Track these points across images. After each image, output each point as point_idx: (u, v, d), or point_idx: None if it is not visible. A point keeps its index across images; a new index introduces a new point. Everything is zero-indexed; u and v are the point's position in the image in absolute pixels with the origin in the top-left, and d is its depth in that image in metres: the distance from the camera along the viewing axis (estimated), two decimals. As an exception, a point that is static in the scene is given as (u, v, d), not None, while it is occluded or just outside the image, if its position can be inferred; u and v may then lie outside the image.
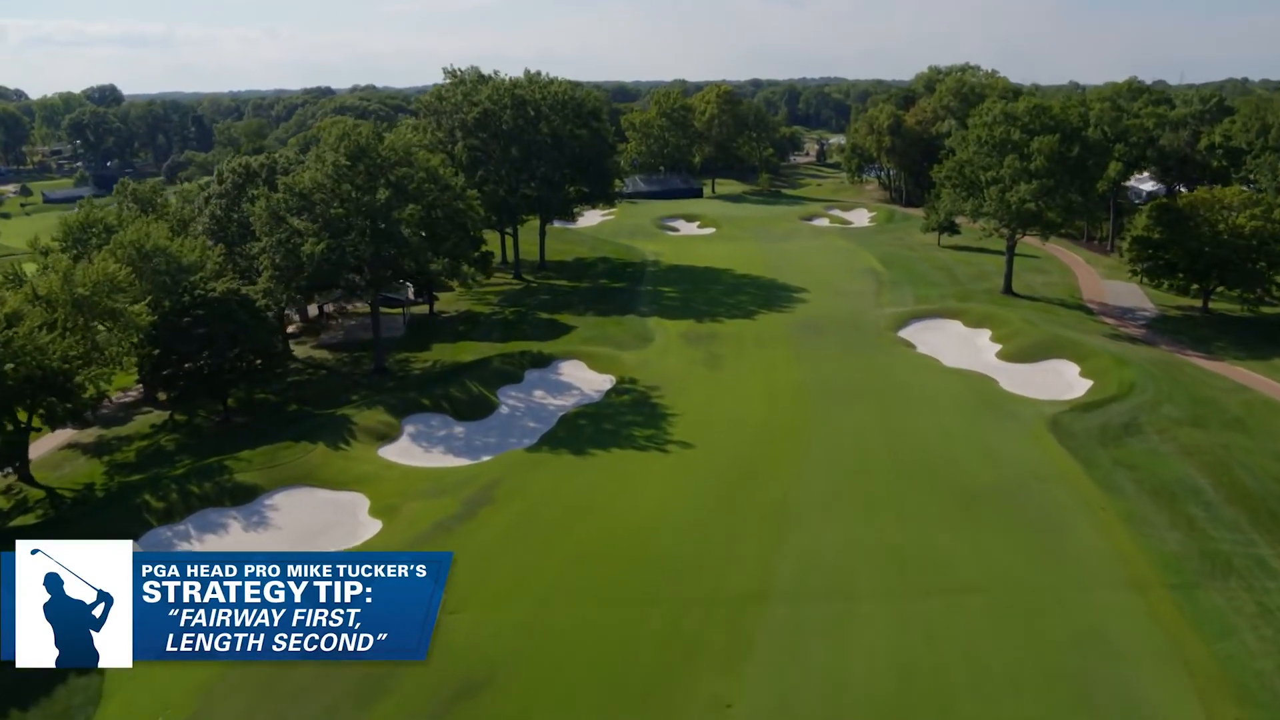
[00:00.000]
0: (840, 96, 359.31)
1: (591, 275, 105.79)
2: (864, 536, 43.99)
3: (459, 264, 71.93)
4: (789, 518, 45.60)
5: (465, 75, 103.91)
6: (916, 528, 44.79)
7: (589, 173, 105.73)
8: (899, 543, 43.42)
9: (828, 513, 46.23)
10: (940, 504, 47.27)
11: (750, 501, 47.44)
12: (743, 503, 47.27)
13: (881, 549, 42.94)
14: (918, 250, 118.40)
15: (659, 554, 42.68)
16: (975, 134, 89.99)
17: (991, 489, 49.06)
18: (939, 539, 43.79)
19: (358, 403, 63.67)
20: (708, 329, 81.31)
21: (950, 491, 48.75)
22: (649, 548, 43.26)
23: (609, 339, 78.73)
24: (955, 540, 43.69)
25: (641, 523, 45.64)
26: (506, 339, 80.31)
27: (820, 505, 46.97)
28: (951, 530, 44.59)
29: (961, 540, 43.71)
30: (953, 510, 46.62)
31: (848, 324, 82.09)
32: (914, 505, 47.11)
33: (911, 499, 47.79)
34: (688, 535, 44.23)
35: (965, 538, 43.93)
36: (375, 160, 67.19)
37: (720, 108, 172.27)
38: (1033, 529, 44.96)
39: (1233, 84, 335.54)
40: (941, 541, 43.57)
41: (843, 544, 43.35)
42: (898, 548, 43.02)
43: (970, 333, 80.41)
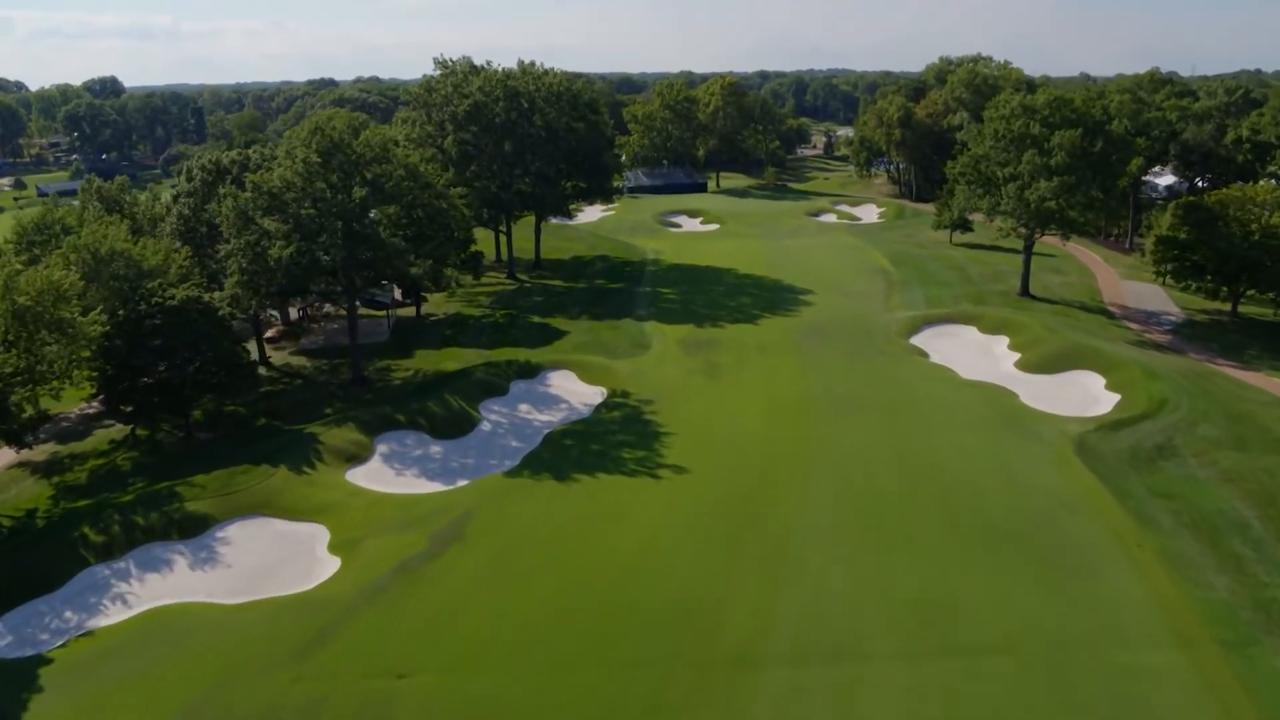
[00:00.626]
0: (848, 88, 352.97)
1: (588, 275, 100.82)
2: (875, 582, 39.07)
3: (441, 267, 67.03)
4: (791, 560, 40.65)
5: (456, 66, 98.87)
6: (934, 571, 39.84)
7: (586, 168, 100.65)
8: (914, 591, 38.48)
9: (834, 553, 41.28)
10: (960, 542, 42.30)
11: (748, 540, 42.48)
12: (740, 541, 42.33)
13: (895, 598, 38.01)
14: (929, 248, 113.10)
15: (644, 604, 37.83)
16: (992, 128, 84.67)
17: (1016, 522, 44.06)
18: (959, 585, 38.85)
19: (330, 418, 58.90)
20: (708, 334, 76.33)
21: (971, 525, 43.78)
22: (633, 596, 38.41)
23: (603, 346, 73.83)
24: (978, 587, 38.74)
25: (627, 564, 40.77)
26: (495, 344, 75.51)
27: (826, 544, 42.01)
28: (973, 574, 39.64)
29: (985, 587, 38.76)
30: (974, 549, 41.65)
31: (856, 329, 77.01)
32: (931, 543, 42.14)
33: (928, 535, 42.82)
34: (678, 580, 39.36)
35: (989, 584, 38.98)
36: (350, 157, 62.27)
37: (725, 100, 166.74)
38: (1063, 572, 39.98)
39: (1247, 76, 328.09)
40: (962, 588, 38.62)
41: (851, 592, 38.44)
42: (913, 597, 38.08)
43: (987, 340, 75.24)
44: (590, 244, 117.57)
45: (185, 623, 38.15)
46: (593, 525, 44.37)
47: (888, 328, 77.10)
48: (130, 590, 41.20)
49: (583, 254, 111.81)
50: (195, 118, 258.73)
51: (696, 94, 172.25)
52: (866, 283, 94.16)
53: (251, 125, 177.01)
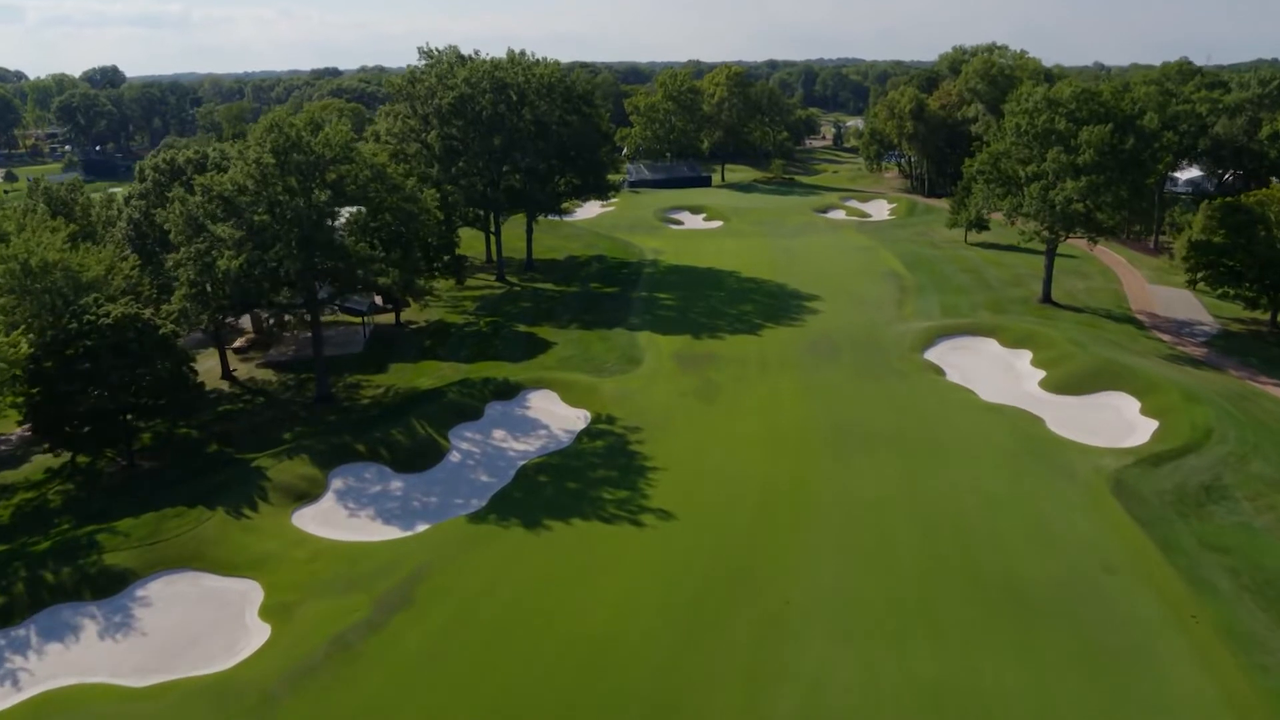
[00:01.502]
0: (858, 78, 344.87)
1: (582, 277, 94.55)
2: (887, 667, 32.92)
3: (413, 275, 60.85)
4: (789, 640, 34.47)
5: (442, 55, 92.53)
6: (956, 653, 33.68)
7: (579, 164, 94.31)
8: (934, 678, 32.35)
9: (840, 630, 35.11)
10: (986, 613, 36.10)
11: (739, 613, 36.28)
12: (729, 615, 36.14)
13: (911, 688, 31.89)
14: (943, 248, 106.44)
15: (615, 693, 31.80)
16: (1013, 123, 77.91)
17: (1051, 590, 37.80)
18: (986, 671, 32.68)
19: (286, 446, 52.91)
20: (705, 347, 70.05)
21: (998, 592, 37.56)
22: (603, 681, 32.39)
23: (590, 360, 67.68)
24: (1008, 674, 32.57)
25: (595, 644, 34.66)
26: (476, 357, 69.48)
27: (830, 620, 35.81)
28: (1002, 657, 33.46)
29: (1016, 674, 32.58)
30: (1003, 624, 35.45)
31: (866, 342, 70.61)
32: (952, 616, 35.96)
33: (949, 605, 36.62)
34: (654, 667, 33.24)
35: (1021, 670, 32.80)
36: (309, 157, 56.11)
37: (730, 90, 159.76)
38: (1107, 655, 33.75)
39: (1265, 66, 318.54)
40: (990, 676, 32.46)
41: (860, 680, 32.32)
42: (932, 686, 31.96)
43: (1008, 355, 68.76)
44: (587, 242, 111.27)
45: (79, 714, 32.29)
46: (560, 590, 38.25)
47: (900, 340, 70.65)
48: (25, 666, 35.34)
49: (578, 254, 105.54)
50: (195, 108, 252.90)
51: (701, 84, 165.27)
52: (877, 288, 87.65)
53: (240, 117, 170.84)
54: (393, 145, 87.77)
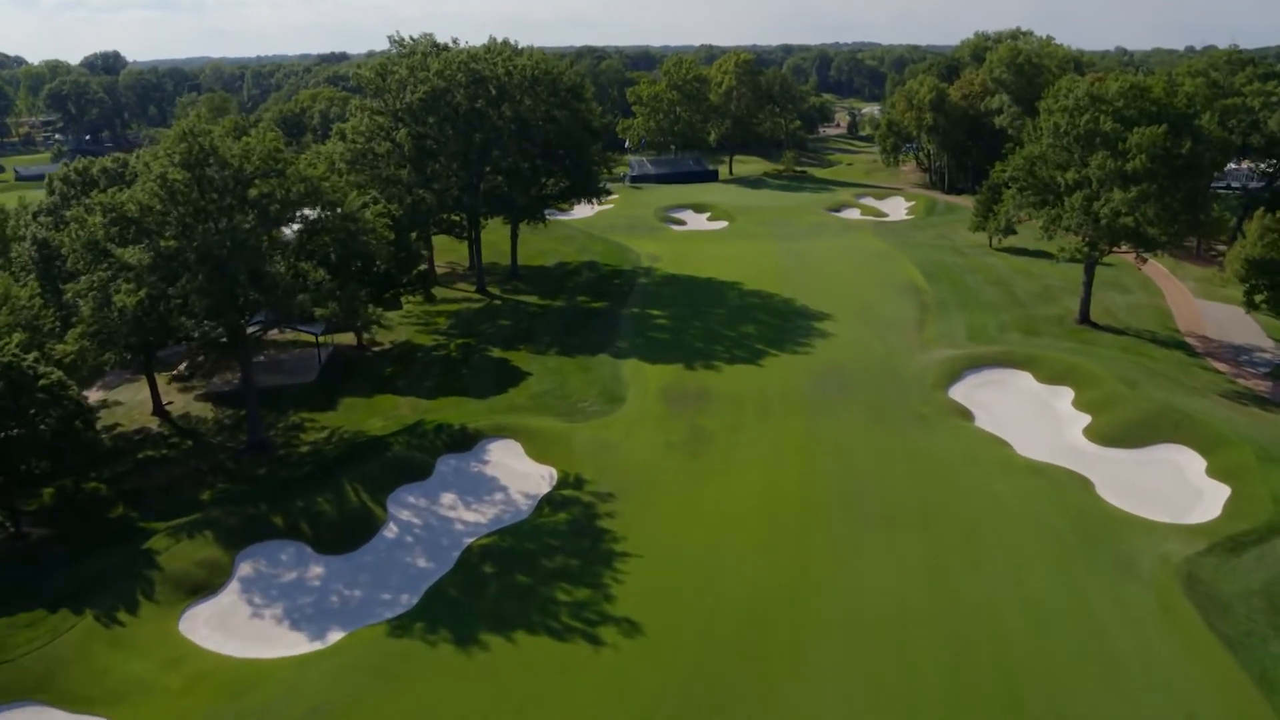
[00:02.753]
0: (874, 63, 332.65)
1: (570, 289, 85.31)
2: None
3: (357, 305, 51.78)
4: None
5: (416, 45, 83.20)
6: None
7: (566, 164, 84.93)
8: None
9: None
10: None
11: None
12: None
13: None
14: (966, 254, 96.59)
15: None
16: (1051, 122, 67.92)
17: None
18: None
19: (191, 518, 44.14)
20: (698, 381, 60.81)
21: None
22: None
23: (567, 397, 58.64)
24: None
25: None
26: (438, 391, 60.63)
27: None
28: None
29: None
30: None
31: (882, 375, 61.21)
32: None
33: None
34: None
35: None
36: (226, 171, 47.09)
37: (739, 79, 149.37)
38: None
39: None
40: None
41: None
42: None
43: (1046, 393, 59.19)
44: (579, 246, 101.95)
45: None
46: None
47: (922, 374, 61.18)
48: None
49: (569, 259, 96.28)
50: (194, 94, 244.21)
51: (708, 72, 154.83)
52: (895, 304, 78.02)
53: (221, 108, 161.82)
54: (360, 145, 78.71)
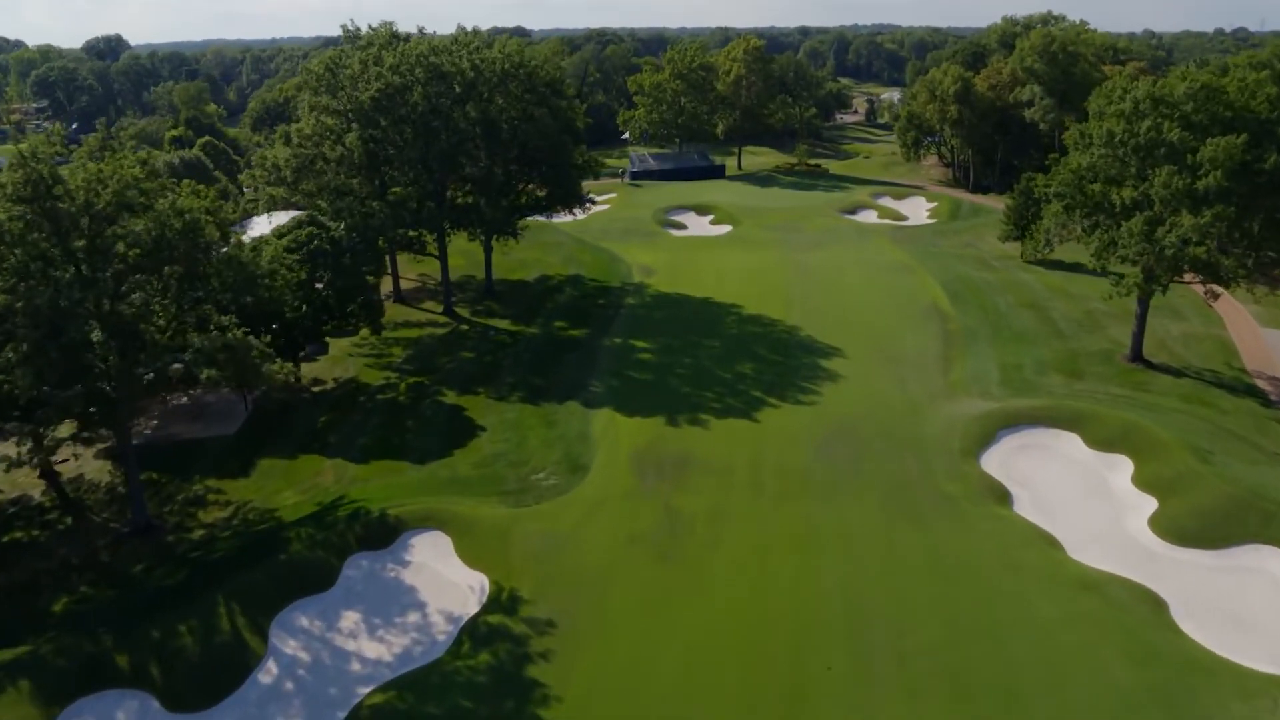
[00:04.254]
0: (893, 46, 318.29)
1: (548, 311, 74.67)
2: None
3: (248, 365, 41.43)
4: None
5: (374, 35, 72.49)
6: None
7: (543, 170, 74.13)
8: None
9: None
10: None
11: None
12: None
13: None
14: (995, 269, 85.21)
15: None
16: (1103, 128, 56.45)
17: None
18: None
19: (23, 651, 34.24)
20: (679, 443, 50.17)
21: None
22: None
23: (519, 466, 48.21)
24: None
25: None
26: (373, 452, 50.47)
27: None
28: None
29: None
30: None
31: (902, 436, 50.37)
32: None
33: None
34: None
35: None
36: (72, 207, 36.71)
37: (748, 66, 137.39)
38: None
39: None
40: None
41: None
42: None
43: (1099, 464, 48.15)
44: (566, 255, 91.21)
45: None
46: None
47: (948, 434, 50.23)
48: None
49: (552, 272, 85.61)
50: (190, 79, 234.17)
51: (715, 60, 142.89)
52: (916, 334, 66.99)
53: (199, 98, 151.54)
54: (307, 150, 68.23)
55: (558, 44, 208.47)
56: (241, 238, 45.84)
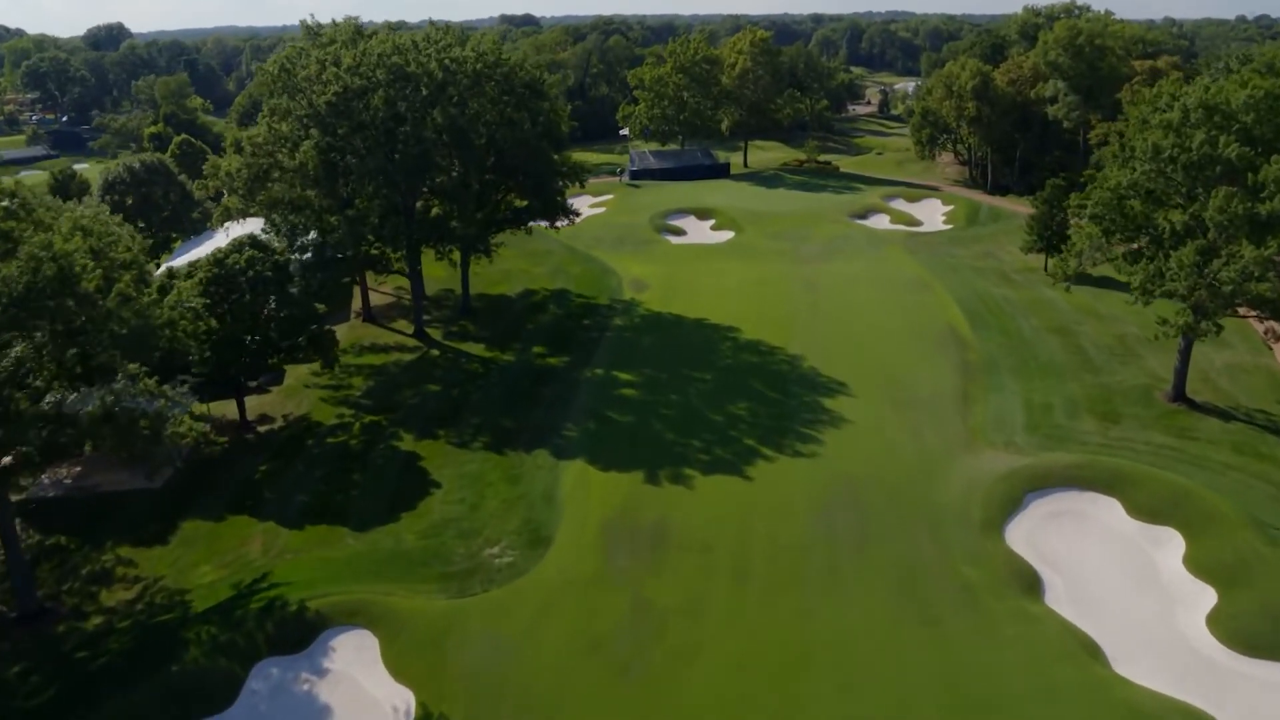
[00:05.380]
0: (907, 35, 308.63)
1: (528, 334, 67.83)
2: None
3: (135, 435, 34.57)
4: None
5: (336, 31, 65.51)
6: None
7: (520, 180, 67.13)
8: None
9: None
10: None
11: None
12: None
13: None
14: (1017, 284, 77.82)
15: None
16: (1148, 141, 48.93)
17: None
18: None
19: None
20: (658, 507, 43.32)
21: None
22: None
23: (472, 537, 41.48)
24: None
25: None
26: (311, 512, 44.06)
27: None
28: None
29: None
30: None
31: (914, 501, 43.35)
32: None
33: None
34: None
35: None
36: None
37: (754, 59, 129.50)
38: None
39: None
40: None
41: None
42: None
43: (1144, 539, 40.99)
44: (553, 267, 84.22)
45: None
46: None
47: (968, 501, 43.16)
48: None
49: (536, 286, 78.70)
50: (189, 71, 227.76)
51: (720, 53, 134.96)
52: (931, 365, 59.80)
53: (180, 92, 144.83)
54: (261, 160, 61.46)
55: (561, 34, 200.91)
56: (152, 270, 39.09)
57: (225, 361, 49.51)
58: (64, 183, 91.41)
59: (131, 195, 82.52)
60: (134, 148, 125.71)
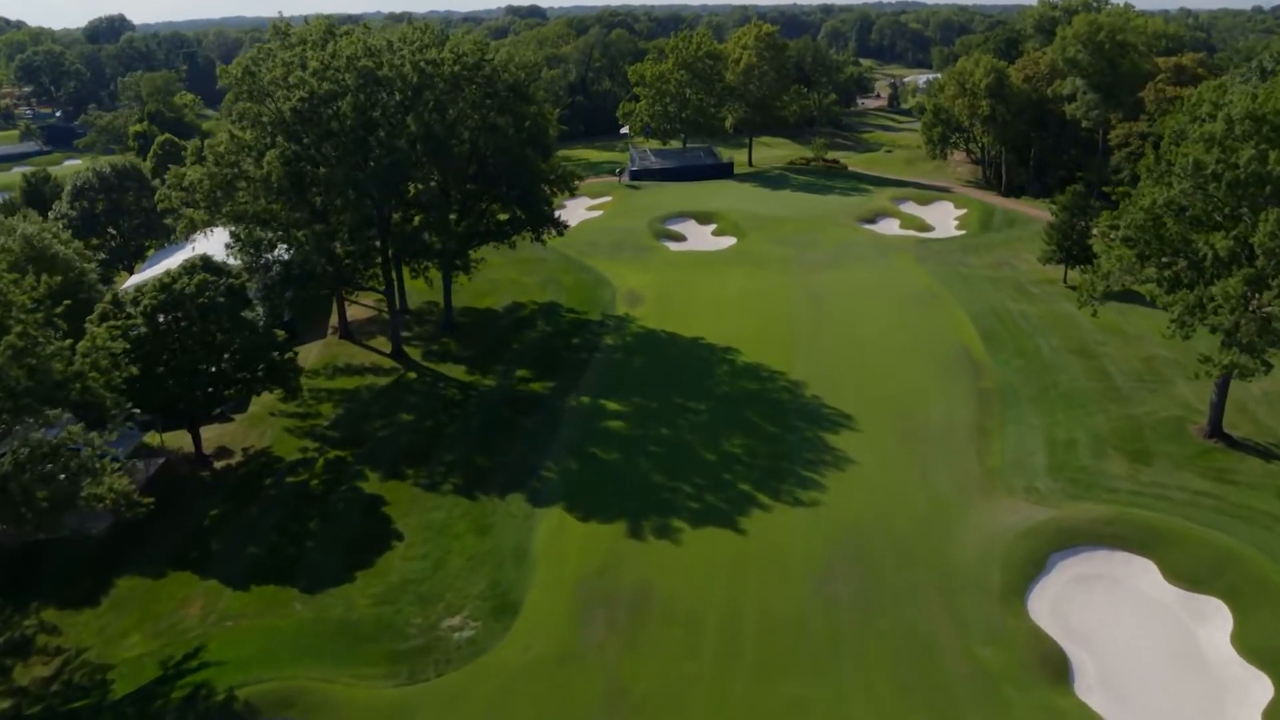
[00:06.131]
0: (918, 26, 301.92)
1: (512, 354, 63.20)
2: None
3: (47, 504, 30.17)
4: None
5: (306, 30, 60.84)
6: None
7: (503, 190, 62.46)
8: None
9: None
10: None
11: None
12: None
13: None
14: (1035, 297, 72.82)
15: None
16: (1190, 158, 43.86)
17: None
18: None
19: None
20: (640, 566, 38.77)
21: None
22: None
23: (430, 603, 37.06)
24: None
25: None
26: (254, 574, 39.82)
27: None
28: None
29: None
30: None
31: (925, 565, 38.64)
32: None
33: None
34: None
35: None
36: None
37: (760, 54, 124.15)
38: None
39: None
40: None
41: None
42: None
43: (1186, 611, 36.20)
44: (545, 277, 79.51)
45: None
46: None
47: (986, 563, 38.45)
48: None
49: (526, 299, 74.04)
50: (189, 64, 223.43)
51: (724, 48, 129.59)
52: (944, 396, 54.94)
53: (166, 88, 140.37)
54: (224, 170, 56.94)
55: (563, 26, 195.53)
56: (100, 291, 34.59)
57: (172, 397, 45.14)
58: (37, 186, 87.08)
59: (103, 201, 78.28)
60: (115, 148, 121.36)
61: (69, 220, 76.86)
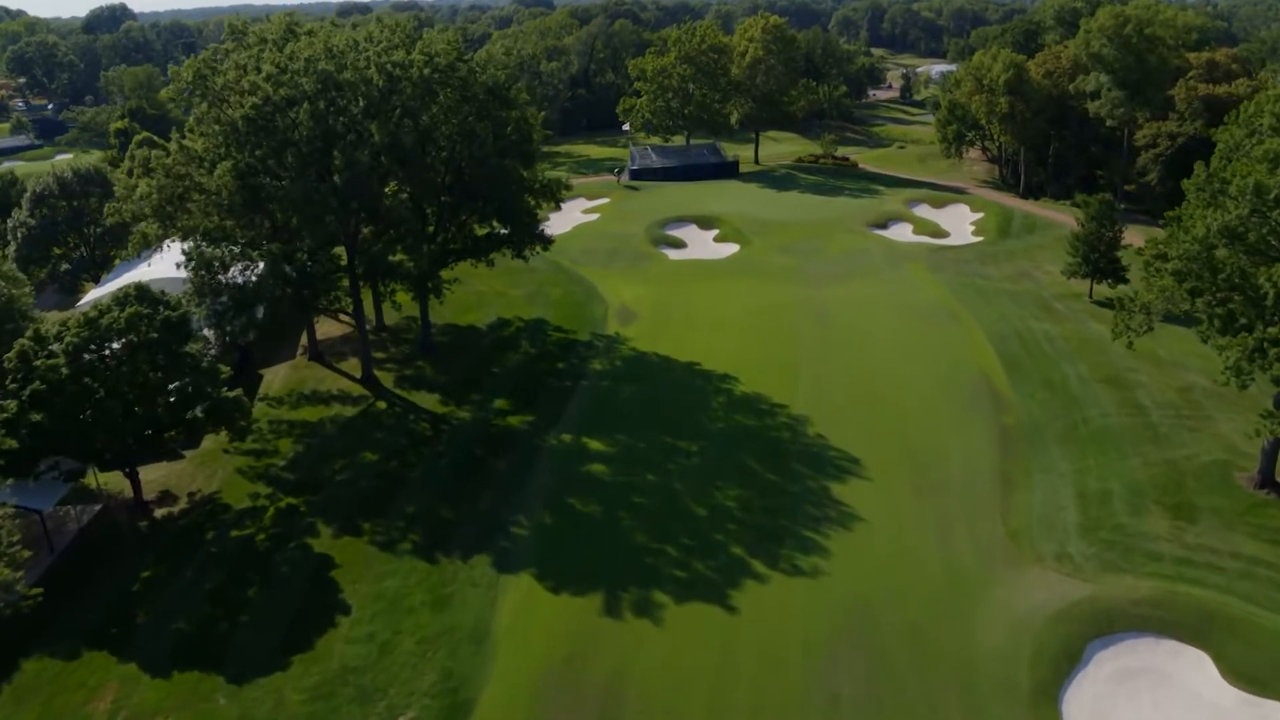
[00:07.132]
0: (931, 15, 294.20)
1: (492, 381, 57.82)
2: None
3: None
4: None
5: (264, 30, 55.37)
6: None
7: (481, 205, 56.97)
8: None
9: None
10: None
11: None
12: None
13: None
14: (1059, 315, 67.07)
15: None
16: (1250, 180, 37.97)
17: None
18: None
19: None
20: (614, 657, 33.52)
21: None
22: None
23: (372, 699, 31.94)
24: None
25: None
26: (179, 656, 34.99)
27: None
28: None
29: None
30: None
31: (941, 655, 33.28)
32: None
33: None
34: None
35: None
36: None
37: (766, 48, 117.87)
38: None
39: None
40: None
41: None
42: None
43: (1243, 717, 30.83)
44: (535, 289, 74.10)
45: None
46: None
47: (1013, 655, 33.02)
48: None
49: (511, 315, 68.69)
50: (188, 55, 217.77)
51: (730, 41, 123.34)
52: (962, 436, 49.33)
53: (148, 84, 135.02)
54: (174, 184, 51.68)
55: (566, 16, 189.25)
56: None
57: (98, 446, 40.12)
58: (3, 189, 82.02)
59: (64, 208, 73.23)
60: (97, 146, 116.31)
61: (29, 229, 71.90)
